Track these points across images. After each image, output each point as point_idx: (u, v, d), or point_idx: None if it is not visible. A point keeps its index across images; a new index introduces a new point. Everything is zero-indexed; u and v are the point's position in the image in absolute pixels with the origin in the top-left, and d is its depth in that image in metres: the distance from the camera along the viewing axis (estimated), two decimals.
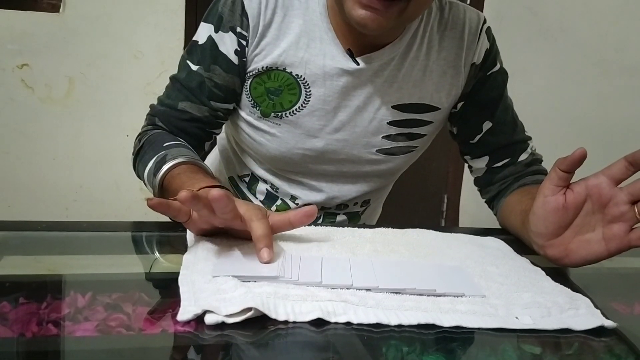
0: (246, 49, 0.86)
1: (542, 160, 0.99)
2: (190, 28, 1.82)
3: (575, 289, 0.61)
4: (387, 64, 0.88)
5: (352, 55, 0.86)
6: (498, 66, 0.96)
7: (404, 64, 0.89)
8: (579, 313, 0.55)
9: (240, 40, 0.86)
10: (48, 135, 1.74)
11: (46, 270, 0.64)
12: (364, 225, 0.90)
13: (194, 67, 0.87)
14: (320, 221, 1.00)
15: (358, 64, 0.86)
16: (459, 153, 1.02)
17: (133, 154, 0.91)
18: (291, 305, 0.51)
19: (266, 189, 1.00)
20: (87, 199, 1.80)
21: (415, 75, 0.90)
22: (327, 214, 1.01)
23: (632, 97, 1.66)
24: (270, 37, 0.86)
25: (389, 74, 0.89)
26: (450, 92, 0.93)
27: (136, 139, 0.91)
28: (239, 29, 0.85)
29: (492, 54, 0.94)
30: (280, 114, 0.89)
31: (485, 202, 1.01)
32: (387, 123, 0.92)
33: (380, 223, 1.14)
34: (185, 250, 0.64)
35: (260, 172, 0.99)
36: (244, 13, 0.85)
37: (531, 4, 2.08)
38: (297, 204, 0.99)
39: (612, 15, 1.73)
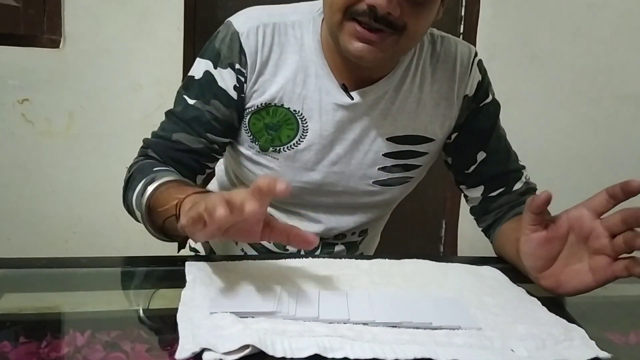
0: (245, 85, 0.88)
1: (536, 189, 1.00)
2: (189, 61, 1.85)
3: (570, 318, 0.62)
4: (382, 97, 0.90)
5: (346, 90, 0.88)
6: (490, 97, 0.98)
7: (397, 96, 0.91)
8: (573, 345, 0.55)
9: (239, 76, 0.87)
10: (48, 168, 1.75)
11: (46, 309, 0.64)
12: (361, 257, 0.91)
13: (191, 102, 0.88)
14: (318, 252, 1.01)
15: (353, 98, 0.88)
16: (454, 182, 1.03)
17: (123, 188, 0.88)
18: (288, 341, 0.51)
19: None
20: (86, 230, 1.80)
21: (409, 107, 0.92)
22: (326, 244, 1.01)
23: (624, 124, 1.68)
24: (268, 74, 0.88)
25: (383, 107, 0.90)
26: (444, 123, 0.95)
27: (127, 172, 0.89)
28: (237, 66, 0.87)
29: (484, 85, 0.96)
30: (278, 148, 0.91)
31: (482, 230, 1.02)
32: (383, 155, 0.93)
33: (379, 249, 1.16)
34: (184, 285, 0.64)
35: None
36: (241, 50, 0.86)
37: (523, 32, 2.12)
38: None
39: (603, 43, 1.76)
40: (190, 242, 1.15)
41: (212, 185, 1.17)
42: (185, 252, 1.16)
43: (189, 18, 1.86)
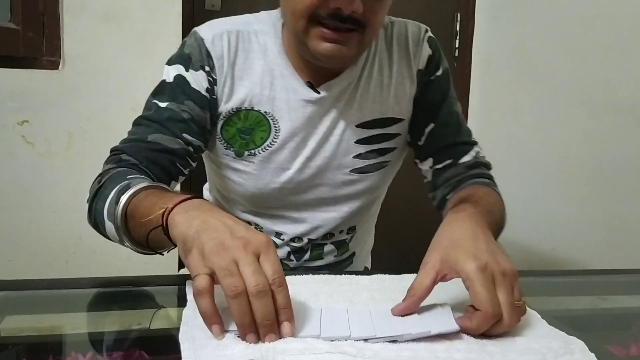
0: (215, 87, 0.90)
1: (488, 166, 1.00)
2: None
3: (569, 331, 0.62)
4: (346, 88, 0.93)
5: (312, 86, 0.92)
6: (441, 71, 0.99)
7: (360, 84, 0.94)
8: (573, 358, 0.55)
9: (209, 78, 0.90)
10: (48, 189, 1.76)
11: (48, 330, 0.64)
12: (361, 272, 0.91)
13: (163, 104, 0.88)
14: (307, 255, 1.01)
15: (319, 92, 0.91)
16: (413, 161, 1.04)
17: (88, 200, 0.83)
18: (290, 359, 0.52)
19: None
20: (87, 250, 1.80)
21: (372, 92, 0.95)
22: (315, 245, 1.02)
23: (620, 136, 1.68)
24: (236, 78, 0.91)
25: (348, 96, 0.94)
26: (409, 101, 0.98)
27: (94, 181, 0.84)
28: (207, 68, 0.89)
29: (434, 59, 0.98)
30: (253, 151, 0.93)
31: (436, 209, 1.01)
32: (355, 142, 0.95)
33: (378, 263, 1.16)
34: (185, 304, 0.64)
35: (242, 215, 1.01)
36: (208, 54, 0.89)
37: (518, 46, 2.13)
38: (282, 240, 1.00)
39: (598, 55, 1.78)
40: None
41: None
42: (185, 271, 1.16)
43: None
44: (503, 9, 2.24)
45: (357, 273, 0.82)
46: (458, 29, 2.35)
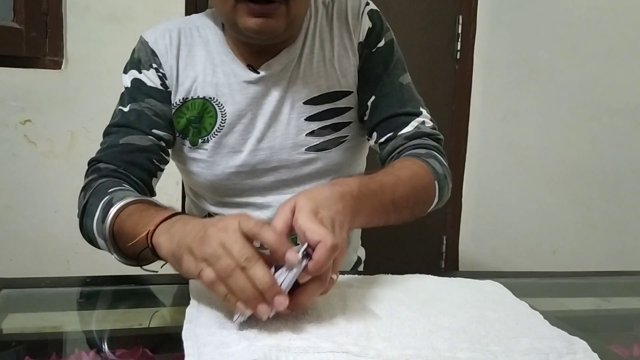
0: (166, 81, 0.93)
1: (432, 135, 0.95)
2: None
3: (572, 332, 0.62)
4: (287, 66, 0.95)
5: (253, 69, 0.94)
6: (383, 42, 0.98)
7: (301, 61, 0.95)
8: (576, 358, 0.56)
9: (159, 74, 0.93)
10: (50, 188, 1.76)
11: (50, 328, 0.64)
12: (364, 272, 0.91)
13: (126, 108, 0.92)
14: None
15: (259, 73, 0.93)
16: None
17: (78, 215, 0.85)
18: (293, 357, 0.52)
19: None
20: (88, 250, 1.79)
21: (315, 67, 0.96)
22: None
23: (622, 138, 1.68)
24: (180, 71, 0.93)
25: (291, 74, 0.95)
26: (354, 74, 0.98)
27: (80, 196, 0.87)
28: (155, 65, 0.93)
29: (374, 31, 0.97)
30: (205, 138, 0.95)
31: None
32: (305, 119, 0.96)
33: (380, 266, 1.15)
34: (188, 303, 0.64)
35: (211, 208, 1.01)
36: (154, 53, 0.93)
37: (519, 49, 2.14)
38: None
39: (600, 57, 1.78)
40: None
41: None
42: None
43: None
44: (505, 12, 2.24)
45: (359, 273, 0.82)
46: (460, 31, 2.35)
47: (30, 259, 1.75)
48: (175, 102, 0.94)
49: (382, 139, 0.95)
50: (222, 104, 0.94)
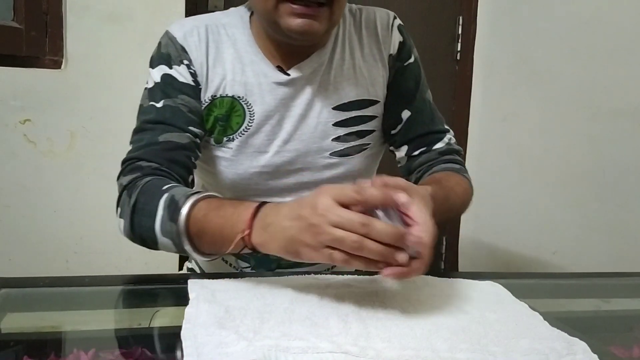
0: (197, 78, 0.92)
1: (459, 153, 1.04)
2: None
3: (572, 333, 0.62)
4: (317, 69, 0.95)
5: (282, 70, 0.94)
6: (413, 58, 1.02)
7: (332, 66, 0.96)
8: (576, 359, 0.56)
9: (190, 71, 0.92)
10: (49, 188, 1.75)
11: (49, 327, 0.64)
12: (363, 273, 0.91)
13: (160, 105, 0.89)
14: None
15: (289, 74, 0.93)
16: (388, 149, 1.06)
17: (121, 214, 0.83)
18: (292, 357, 0.52)
19: None
20: (87, 250, 1.80)
21: (346, 74, 0.97)
22: None
23: (622, 139, 1.68)
24: (210, 68, 0.92)
25: (321, 79, 0.95)
26: (383, 84, 1.00)
27: (123, 195, 0.84)
28: (186, 62, 0.92)
29: (406, 46, 1.01)
30: (231, 136, 0.94)
31: None
32: (333, 125, 0.96)
33: None
34: (187, 303, 0.64)
35: None
36: (183, 49, 0.92)
37: (520, 50, 2.13)
38: None
39: (600, 59, 1.78)
40: (187, 263, 1.15)
41: None
42: (184, 270, 1.16)
43: None
44: (505, 13, 2.24)
45: (359, 273, 0.82)
46: (460, 32, 2.35)
47: (29, 259, 1.74)
48: (205, 100, 0.93)
49: (415, 153, 1.01)
50: (250, 104, 0.93)
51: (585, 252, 1.82)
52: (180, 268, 1.18)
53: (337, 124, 0.96)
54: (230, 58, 0.93)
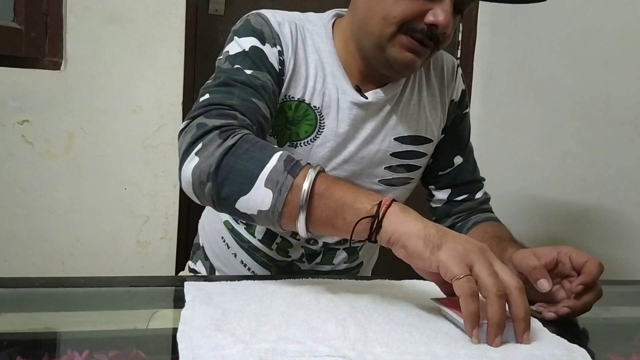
0: (283, 69, 0.88)
1: (489, 200, 1.10)
2: (189, 84, 1.86)
3: (572, 340, 0.61)
4: (391, 99, 0.96)
5: (359, 90, 0.93)
6: (469, 109, 1.09)
7: (402, 99, 0.97)
8: None
9: (280, 58, 0.88)
10: (46, 189, 1.75)
11: (44, 328, 0.64)
12: (361, 277, 0.90)
13: (248, 71, 0.84)
14: (319, 258, 1.01)
15: (367, 98, 0.93)
16: (422, 183, 1.10)
17: (206, 154, 0.71)
18: None
19: (265, 227, 0.99)
20: (84, 252, 1.79)
21: (412, 109, 0.98)
22: (328, 249, 1.02)
23: (621, 148, 1.68)
24: (296, 68, 0.90)
25: (391, 108, 0.96)
26: (439, 125, 1.03)
27: (211, 133, 0.73)
28: (278, 47, 0.88)
29: (466, 95, 1.07)
30: (295, 143, 0.92)
31: None
32: (390, 154, 0.98)
33: (378, 271, 1.16)
34: (183, 305, 0.64)
35: None
36: (278, 36, 0.88)
37: (520, 57, 2.14)
38: (298, 240, 0.99)
39: (599, 67, 1.78)
40: (190, 262, 1.14)
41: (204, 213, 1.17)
42: (184, 272, 1.16)
43: (190, 41, 1.88)
44: (505, 21, 2.25)
45: (357, 278, 0.82)
46: (460, 39, 2.35)
47: (25, 261, 1.74)
48: (282, 97, 0.89)
49: (459, 198, 1.06)
50: (323, 117, 0.92)
51: None
52: (177, 272, 1.17)
53: (394, 155, 0.98)
54: (314, 64, 0.91)
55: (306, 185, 0.66)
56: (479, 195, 1.07)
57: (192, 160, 0.72)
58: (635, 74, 1.66)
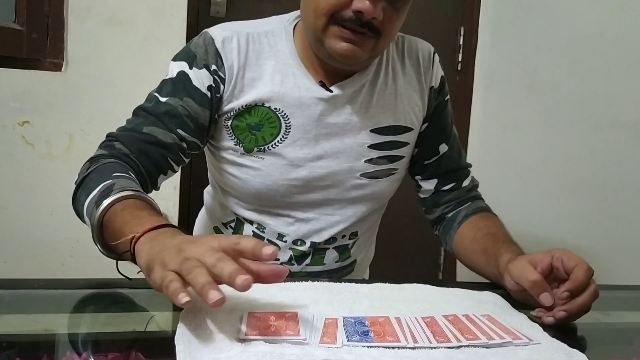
0: (221, 87, 0.91)
1: (477, 186, 1.09)
2: None
3: (572, 345, 0.61)
4: (359, 90, 0.95)
5: (324, 85, 0.94)
6: (448, 95, 1.06)
7: (375, 89, 0.97)
8: None
9: (215, 77, 0.91)
10: (46, 191, 1.74)
11: (43, 330, 0.64)
12: (361, 281, 0.90)
13: (163, 99, 0.90)
14: (309, 259, 1.01)
15: (331, 91, 0.93)
16: (409, 174, 1.09)
17: (76, 183, 0.84)
18: None
19: (252, 231, 1.01)
20: (83, 254, 1.78)
21: (387, 99, 0.98)
22: (317, 249, 1.01)
23: (622, 152, 1.68)
24: (247, 78, 0.92)
25: (362, 99, 0.96)
26: (419, 113, 1.02)
27: (85, 165, 0.86)
28: (213, 67, 0.91)
29: (445, 82, 1.06)
30: (263, 147, 0.94)
31: (430, 222, 1.10)
32: (368, 147, 0.97)
33: (377, 276, 1.15)
34: (182, 308, 0.63)
35: (245, 213, 1.00)
36: (217, 54, 0.91)
37: (521, 61, 2.14)
38: (285, 242, 1.00)
39: (600, 71, 1.78)
40: None
41: (201, 212, 1.17)
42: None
43: None
44: (506, 24, 2.25)
45: (356, 281, 0.82)
46: (461, 43, 2.35)
47: (24, 262, 1.73)
48: (237, 108, 0.92)
49: (445, 187, 1.05)
50: (287, 117, 0.93)
51: None
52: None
53: (372, 147, 0.98)
54: (270, 69, 0.93)
55: (96, 218, 0.72)
56: (466, 182, 1.06)
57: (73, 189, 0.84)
58: (635, 78, 1.66)
